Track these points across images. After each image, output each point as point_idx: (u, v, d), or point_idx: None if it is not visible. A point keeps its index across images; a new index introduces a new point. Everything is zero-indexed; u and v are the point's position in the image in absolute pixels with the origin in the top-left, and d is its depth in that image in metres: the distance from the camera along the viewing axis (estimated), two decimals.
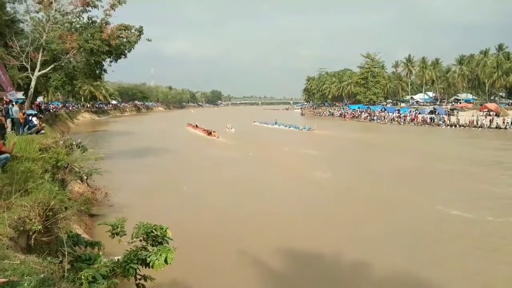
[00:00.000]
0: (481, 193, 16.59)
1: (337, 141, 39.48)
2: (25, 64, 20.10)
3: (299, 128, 49.40)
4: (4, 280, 3.01)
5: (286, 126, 51.82)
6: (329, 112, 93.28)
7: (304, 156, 27.88)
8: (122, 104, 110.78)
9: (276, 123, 54.48)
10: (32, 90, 21.04)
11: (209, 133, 40.57)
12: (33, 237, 4.91)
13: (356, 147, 35.79)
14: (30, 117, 17.57)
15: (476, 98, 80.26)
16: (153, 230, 5.51)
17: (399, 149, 32.63)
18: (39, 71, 20.55)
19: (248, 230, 12.10)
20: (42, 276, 3.48)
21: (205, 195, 16.75)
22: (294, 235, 11.78)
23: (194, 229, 11.48)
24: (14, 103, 16.06)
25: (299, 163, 24.91)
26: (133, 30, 23.22)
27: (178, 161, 26.27)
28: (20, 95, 22.52)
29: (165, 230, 5.57)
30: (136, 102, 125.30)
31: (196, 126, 47.61)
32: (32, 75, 20.34)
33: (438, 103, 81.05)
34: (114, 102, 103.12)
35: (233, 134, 42.24)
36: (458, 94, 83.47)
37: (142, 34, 23.39)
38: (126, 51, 23.53)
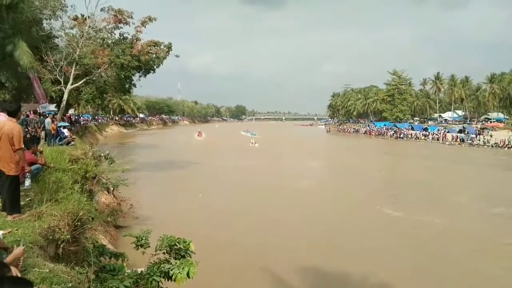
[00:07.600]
0: None
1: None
2: (58, 77, 20.78)
3: (254, 134, 65.55)
4: None
5: (250, 134, 68.59)
6: (354, 129, 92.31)
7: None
8: (149, 118, 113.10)
9: (247, 132, 73.21)
10: (64, 102, 21.73)
11: (199, 135, 61.26)
12: (62, 246, 5.01)
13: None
14: (61, 129, 18.15)
15: (507, 117, 77.53)
16: (177, 243, 5.47)
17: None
18: (72, 84, 21.21)
19: (269, 243, 12.06)
20: (70, 285, 3.54)
21: (216, 200, 18.00)
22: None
23: (210, 239, 11.47)
24: (46, 114, 16.70)
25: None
26: (162, 47, 23.89)
27: (193, 171, 27.21)
28: (52, 107, 23.30)
29: (188, 244, 5.52)
30: (163, 115, 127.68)
31: (199, 132, 63.77)
32: (65, 89, 21.00)
33: (468, 121, 78.79)
34: (141, 115, 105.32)
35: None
36: (488, 113, 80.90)
37: (171, 50, 24.02)
38: (155, 67, 24.19)
